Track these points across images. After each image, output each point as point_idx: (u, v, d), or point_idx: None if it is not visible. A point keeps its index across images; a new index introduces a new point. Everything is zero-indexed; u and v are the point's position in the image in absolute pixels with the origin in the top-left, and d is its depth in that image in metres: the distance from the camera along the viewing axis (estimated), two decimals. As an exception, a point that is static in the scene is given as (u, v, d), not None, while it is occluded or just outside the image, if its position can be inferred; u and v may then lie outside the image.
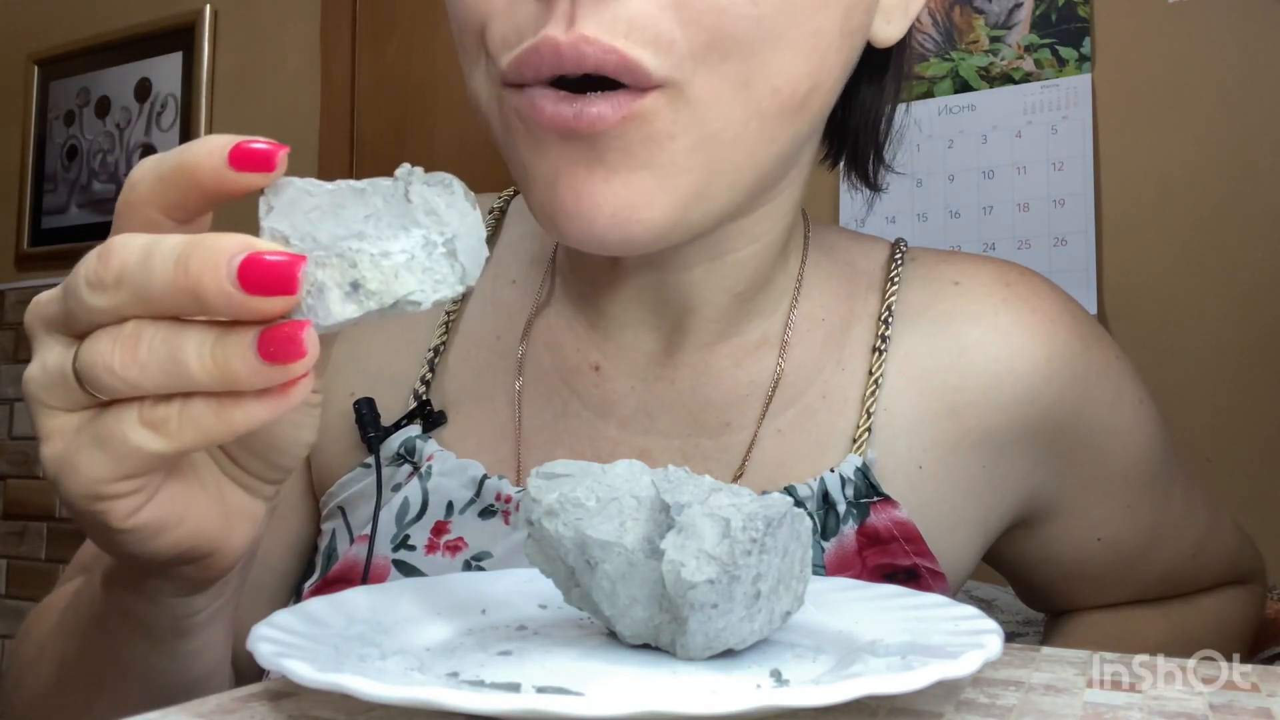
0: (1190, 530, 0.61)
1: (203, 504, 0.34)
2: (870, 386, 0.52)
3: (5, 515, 2.22)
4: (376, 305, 0.29)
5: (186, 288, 0.28)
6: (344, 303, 0.29)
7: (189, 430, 0.29)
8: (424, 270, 0.30)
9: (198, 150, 0.30)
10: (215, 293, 0.27)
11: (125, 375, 0.29)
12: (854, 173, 0.57)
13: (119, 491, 0.31)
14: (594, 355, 0.53)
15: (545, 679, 0.31)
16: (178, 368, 0.28)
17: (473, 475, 0.51)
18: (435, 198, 0.30)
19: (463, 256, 0.30)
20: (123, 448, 0.29)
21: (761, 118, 0.42)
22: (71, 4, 2.24)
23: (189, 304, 0.28)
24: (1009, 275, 0.55)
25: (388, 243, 0.29)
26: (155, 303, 0.28)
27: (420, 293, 0.29)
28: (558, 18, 0.40)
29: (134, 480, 0.31)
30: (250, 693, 0.32)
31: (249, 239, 0.28)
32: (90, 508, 0.31)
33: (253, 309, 0.28)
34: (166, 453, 0.30)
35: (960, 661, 0.28)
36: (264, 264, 0.28)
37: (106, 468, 0.30)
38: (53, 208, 2.23)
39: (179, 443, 0.29)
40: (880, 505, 0.50)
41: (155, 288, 0.28)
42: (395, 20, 1.88)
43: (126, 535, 0.32)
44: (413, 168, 0.31)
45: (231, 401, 0.29)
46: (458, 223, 0.30)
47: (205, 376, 0.28)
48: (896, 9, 0.48)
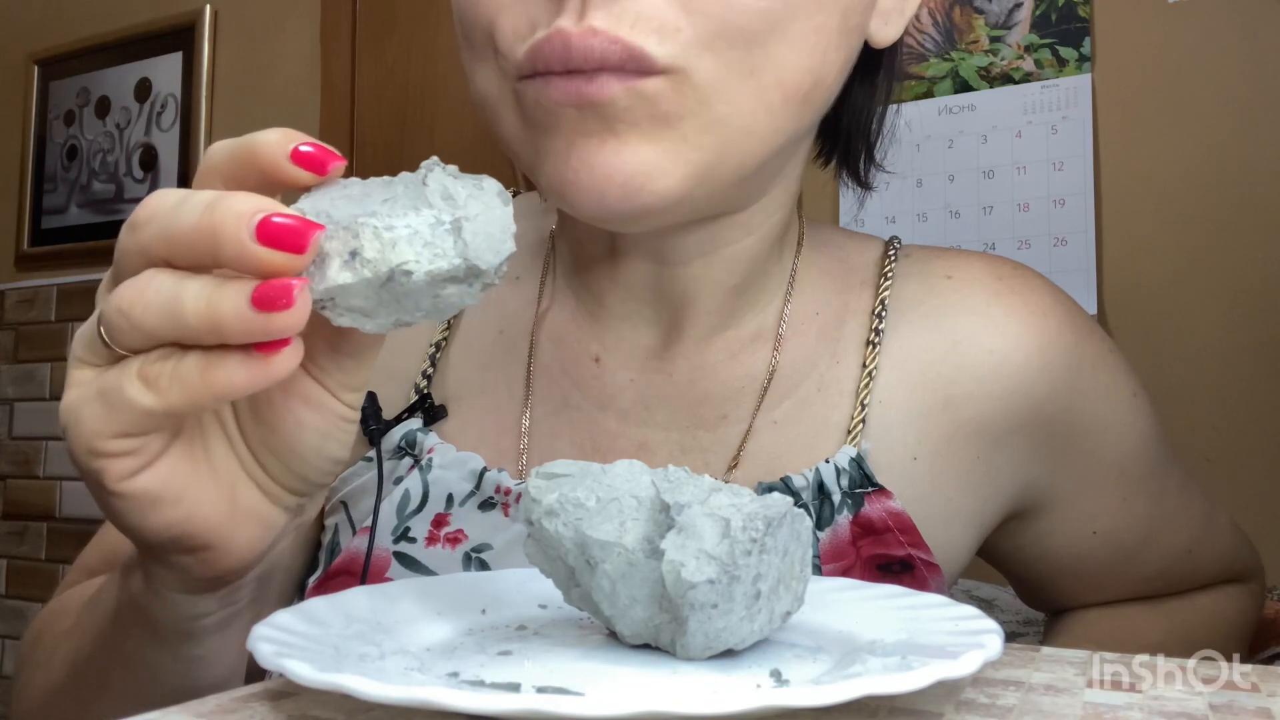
0: (1186, 525, 0.61)
1: (207, 491, 0.34)
2: (864, 379, 0.52)
3: (5, 515, 2.22)
4: (371, 273, 0.30)
5: (208, 229, 0.29)
6: (341, 270, 0.30)
7: (176, 387, 0.30)
8: (424, 245, 0.30)
9: (269, 136, 0.32)
10: (231, 238, 0.29)
11: (130, 313, 0.30)
12: (845, 171, 0.58)
13: (116, 449, 0.31)
14: (594, 347, 0.54)
15: (545, 679, 0.31)
16: (175, 308, 0.29)
17: (473, 468, 0.52)
18: (457, 186, 0.31)
19: (468, 235, 0.30)
20: (118, 400, 0.30)
21: (768, 107, 0.44)
22: (71, 4, 2.25)
23: (206, 247, 0.29)
24: (1001, 269, 0.56)
25: (394, 219, 0.30)
26: (177, 241, 0.30)
27: (415, 263, 0.30)
28: (569, 10, 0.41)
29: (130, 439, 0.31)
30: (250, 693, 0.32)
31: (275, 203, 0.30)
32: (89, 464, 0.32)
33: (261, 260, 0.29)
34: (154, 409, 0.30)
35: (960, 661, 0.28)
36: (281, 223, 0.29)
37: (103, 420, 0.31)
38: (53, 208, 2.23)
39: (166, 400, 0.30)
40: (875, 496, 0.50)
41: (180, 226, 0.30)
42: (395, 20, 1.88)
43: (121, 500, 0.32)
44: (440, 161, 0.32)
45: (218, 359, 0.30)
46: (476, 210, 0.31)
47: (196, 320, 0.29)
48: (894, 10, 0.50)
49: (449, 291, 0.31)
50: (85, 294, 2.15)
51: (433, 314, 0.32)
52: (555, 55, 0.41)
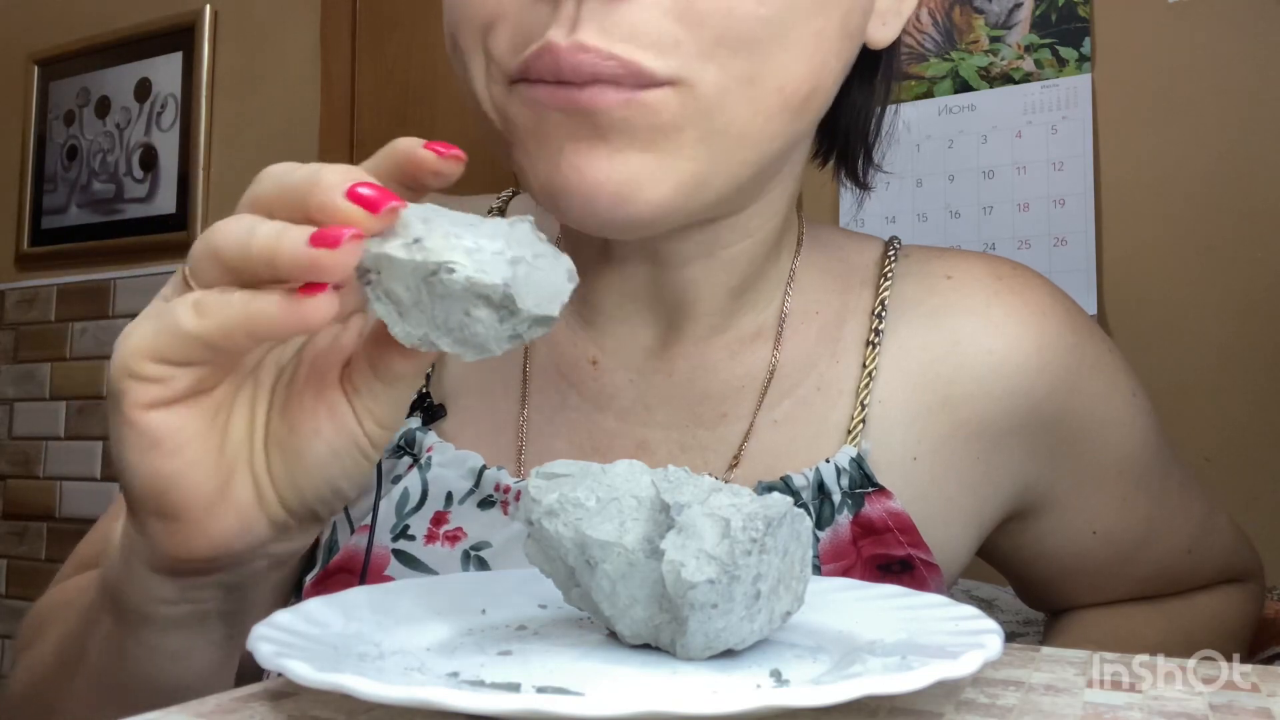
0: (1186, 525, 0.61)
1: (207, 461, 0.35)
2: (864, 379, 0.52)
3: (5, 515, 2.22)
4: (421, 258, 0.32)
5: (310, 182, 0.32)
6: (397, 245, 0.32)
7: (219, 314, 0.32)
8: (479, 262, 0.32)
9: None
10: (325, 191, 0.32)
11: (210, 238, 0.33)
12: (843, 171, 0.58)
13: (148, 372, 0.33)
14: (591, 350, 0.54)
15: (545, 679, 0.31)
16: (247, 238, 0.32)
17: (472, 466, 0.52)
18: (536, 243, 0.33)
19: (521, 272, 0.32)
20: (167, 321, 0.33)
21: (766, 114, 0.43)
22: (71, 4, 2.24)
23: (303, 197, 0.32)
24: (1001, 269, 0.56)
25: (469, 234, 0.32)
26: (283, 190, 0.33)
27: (461, 265, 0.31)
28: (561, 21, 0.40)
29: (164, 366, 0.33)
30: (250, 693, 0.32)
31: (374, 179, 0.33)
32: (120, 383, 0.34)
33: (341, 210, 0.32)
34: (195, 332, 0.32)
35: (960, 661, 0.28)
36: (367, 189, 0.32)
37: (148, 339, 0.33)
38: (53, 208, 2.22)
39: (206, 324, 0.32)
40: (875, 496, 0.50)
41: (289, 180, 0.33)
42: (395, 20, 1.88)
43: (130, 429, 0.34)
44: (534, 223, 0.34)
45: (260, 294, 0.32)
46: (541, 266, 0.33)
47: (259, 249, 0.32)
48: (890, 11, 0.50)
49: (479, 315, 0.32)
50: (85, 294, 2.15)
51: (458, 342, 0.33)
52: (545, 69, 0.41)
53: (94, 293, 2.13)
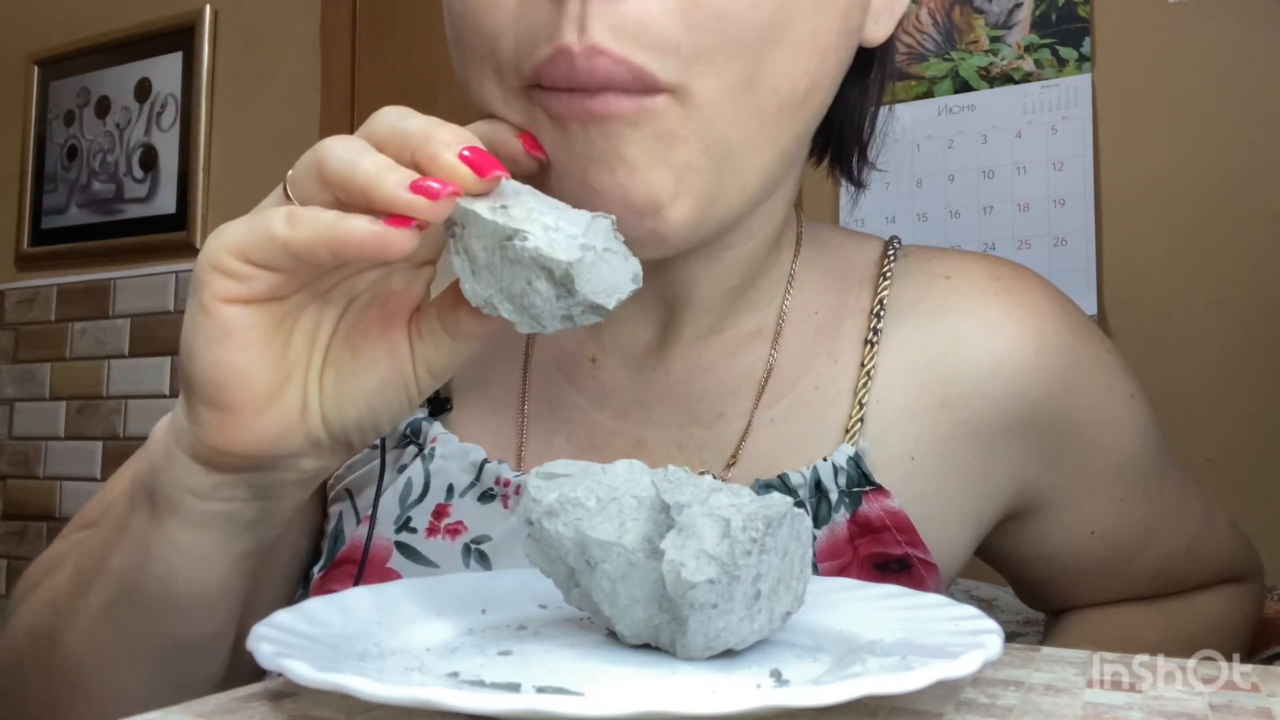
0: (1185, 525, 0.62)
1: (267, 362, 0.37)
2: (862, 378, 0.52)
3: (5, 515, 2.22)
4: (503, 221, 0.34)
5: (425, 134, 0.35)
6: (485, 206, 0.35)
7: (307, 226, 0.34)
8: (552, 239, 0.34)
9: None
10: (440, 145, 0.35)
11: (319, 148, 0.35)
12: (839, 169, 0.57)
13: (233, 268, 0.35)
14: (591, 348, 0.54)
15: (545, 679, 0.31)
16: (353, 162, 0.35)
17: (473, 459, 0.53)
18: (612, 240, 0.36)
19: (588, 260, 0.35)
20: (260, 223, 0.35)
21: (763, 118, 0.43)
22: (71, 4, 2.24)
23: (419, 143, 0.35)
24: (999, 270, 0.56)
25: (551, 214, 0.35)
26: (398, 137, 0.36)
27: (534, 236, 0.34)
28: (569, 20, 0.40)
29: (247, 265, 0.35)
30: (250, 693, 0.32)
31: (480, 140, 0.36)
32: (204, 275, 0.36)
33: (450, 166, 0.34)
34: (282, 237, 0.35)
35: (960, 661, 0.28)
36: (478, 152, 0.35)
37: (239, 236, 0.35)
38: (53, 208, 2.22)
39: (294, 233, 0.34)
40: (872, 494, 0.50)
41: (406, 125, 0.36)
42: (395, 20, 1.88)
43: (205, 318, 0.36)
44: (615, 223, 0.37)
45: (349, 216, 0.34)
46: (610, 263, 0.36)
47: (364, 177, 0.34)
48: (884, 10, 0.50)
49: (540, 286, 0.35)
50: (85, 294, 2.15)
51: (516, 310, 0.36)
52: (560, 76, 0.41)
53: (94, 293, 2.13)
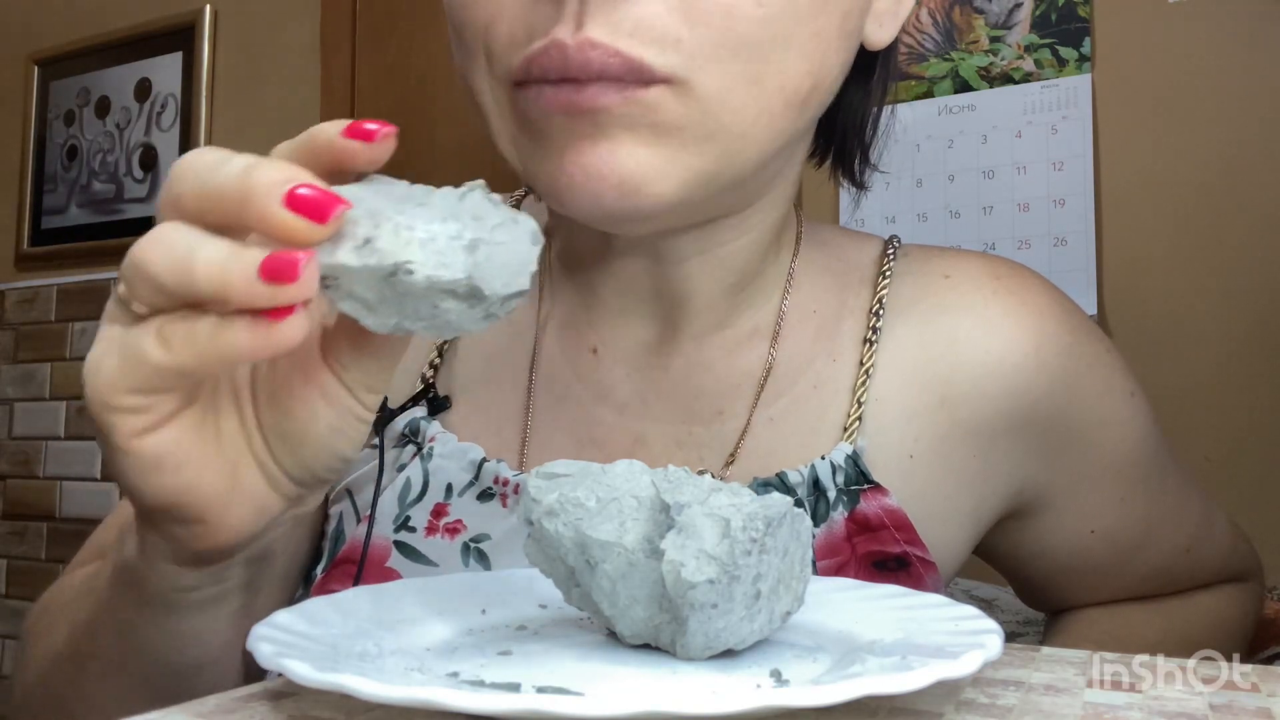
0: (1185, 525, 0.62)
1: (212, 463, 0.34)
2: (861, 377, 0.52)
3: (5, 515, 2.22)
4: (376, 262, 0.30)
5: (242, 189, 0.30)
6: (350, 252, 0.30)
7: (187, 346, 0.31)
8: (435, 252, 0.30)
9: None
10: (262, 200, 0.29)
11: (143, 263, 0.30)
12: (840, 171, 0.58)
13: (129, 404, 0.32)
14: (591, 338, 0.54)
15: (545, 679, 0.31)
16: (186, 265, 0.30)
17: (472, 458, 0.52)
18: (491, 211, 0.32)
19: (481, 256, 0.31)
20: (135, 355, 0.31)
21: (770, 114, 0.44)
22: (71, 4, 2.24)
23: (235, 206, 0.30)
24: (999, 269, 0.56)
25: (418, 221, 0.30)
26: (209, 197, 0.31)
27: (419, 264, 0.30)
28: (567, 18, 0.41)
29: (143, 396, 0.32)
30: (250, 693, 0.32)
31: (310, 175, 0.30)
32: (103, 417, 0.32)
33: (284, 223, 0.29)
34: (166, 365, 0.31)
35: (960, 661, 0.28)
36: (309, 193, 0.30)
37: (120, 374, 0.32)
38: (53, 208, 2.22)
39: (177, 357, 0.31)
40: (870, 493, 0.51)
41: (215, 183, 0.31)
42: (395, 20, 1.88)
43: (127, 458, 0.33)
44: (484, 184, 0.32)
45: (226, 323, 0.30)
46: (501, 239, 0.31)
47: (205, 280, 0.30)
48: (887, 13, 0.50)
49: (448, 306, 0.31)
50: (85, 294, 2.15)
51: (432, 328, 0.32)
52: (552, 66, 0.41)
53: (94, 293, 2.13)
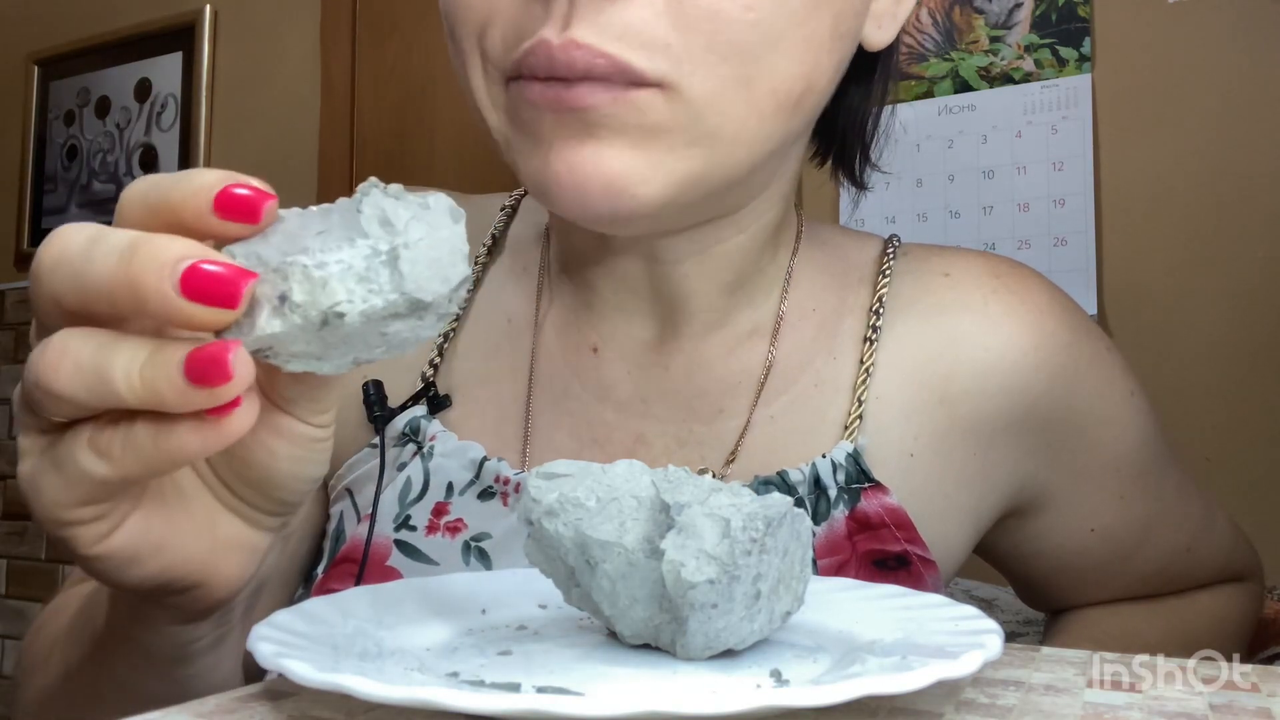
0: (1185, 524, 0.62)
1: (187, 534, 0.33)
2: (861, 375, 0.53)
3: (5, 515, 2.22)
4: (302, 318, 0.27)
5: (126, 281, 0.26)
6: (270, 317, 0.27)
7: (130, 457, 0.28)
8: (358, 280, 0.27)
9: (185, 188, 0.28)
10: (153, 291, 0.26)
11: (50, 387, 0.27)
12: (841, 171, 0.58)
13: (80, 518, 0.30)
14: (591, 336, 0.54)
15: (545, 679, 0.31)
16: (103, 383, 0.27)
17: (473, 457, 0.52)
18: (397, 210, 0.28)
19: (406, 265, 0.27)
20: (74, 472, 0.29)
21: (759, 116, 0.44)
22: (71, 4, 2.25)
23: (125, 300, 0.27)
24: (998, 267, 0.56)
25: (326, 255, 0.27)
26: (92, 293, 0.27)
27: (347, 304, 0.27)
28: (554, 19, 0.41)
29: (94, 506, 0.30)
30: (250, 693, 0.32)
31: (201, 246, 0.27)
32: (57, 532, 0.30)
33: (189, 316, 0.26)
34: (112, 478, 0.29)
35: (960, 661, 0.28)
36: (209, 273, 0.26)
37: (63, 492, 0.29)
38: (53, 208, 2.23)
39: (122, 469, 0.28)
40: (871, 491, 0.51)
41: (94, 275, 0.27)
42: (395, 20, 1.88)
43: (98, 562, 0.31)
44: (380, 182, 0.29)
45: (168, 428, 0.28)
46: (419, 234, 0.28)
47: (131, 395, 0.27)
48: (886, 15, 0.50)
49: (395, 328, 0.28)
50: (85, 294, 2.15)
51: (391, 350, 0.29)
52: (539, 65, 0.41)
53: (94, 293, 2.13)
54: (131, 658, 0.39)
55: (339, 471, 0.56)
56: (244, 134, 2.01)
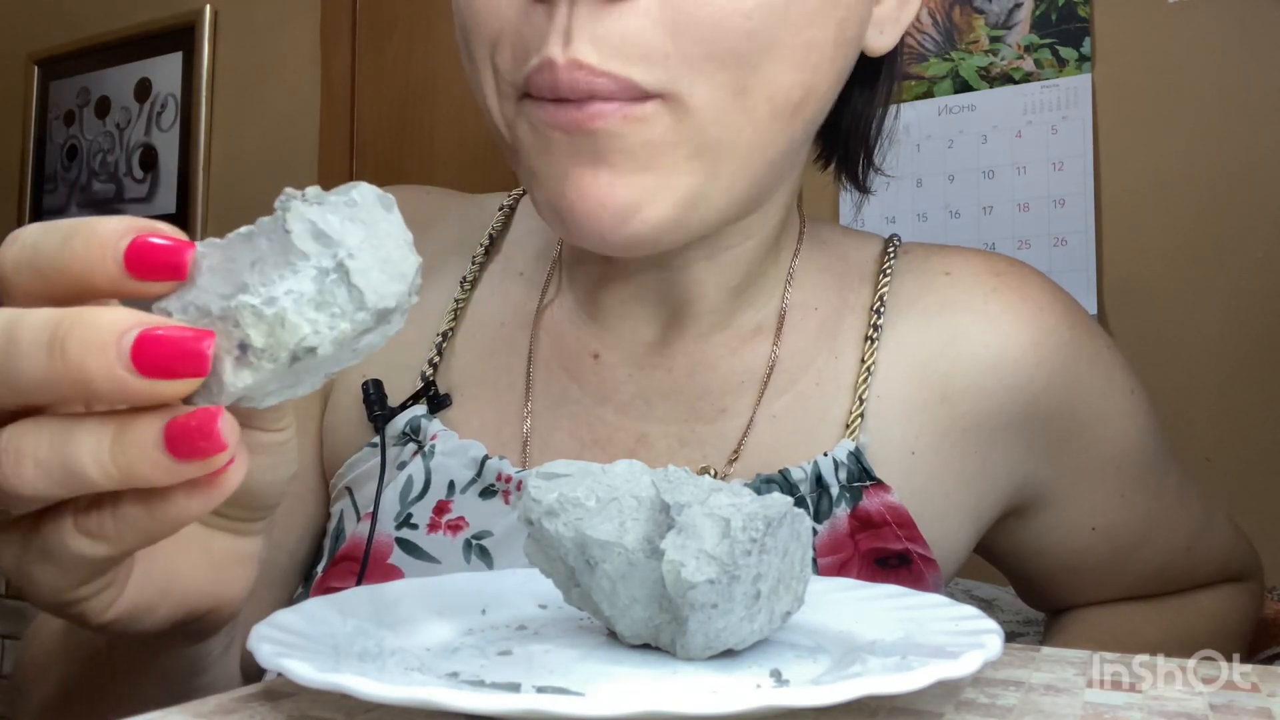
0: (1185, 523, 0.62)
1: (186, 568, 0.33)
2: (863, 374, 0.53)
3: (5, 515, 2.22)
4: (271, 364, 0.25)
5: (66, 375, 0.24)
6: (236, 370, 0.25)
7: (127, 534, 0.27)
8: (317, 307, 0.25)
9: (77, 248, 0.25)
10: (105, 380, 0.23)
11: (15, 490, 0.25)
12: (844, 174, 0.58)
13: (83, 595, 0.29)
14: (593, 345, 0.54)
15: (545, 679, 0.31)
16: (74, 478, 0.25)
17: (474, 455, 0.53)
18: (326, 217, 0.26)
19: (359, 278, 0.25)
20: (67, 558, 0.27)
21: (756, 124, 0.44)
22: (71, 4, 2.24)
23: (71, 392, 0.24)
24: (999, 265, 0.56)
25: (272, 288, 0.25)
26: (29, 394, 0.24)
27: (315, 336, 0.25)
28: (556, 33, 0.41)
29: (95, 582, 0.29)
30: (250, 693, 0.32)
31: (131, 312, 0.24)
32: (65, 613, 0.30)
33: (154, 394, 0.24)
34: (112, 556, 0.27)
35: (960, 661, 0.28)
36: (165, 341, 0.24)
37: (60, 579, 0.28)
38: (53, 208, 2.22)
39: (121, 546, 0.27)
40: (872, 489, 0.51)
41: (25, 376, 0.24)
42: (395, 20, 1.88)
43: (114, 626, 0.31)
44: (296, 191, 0.26)
45: (161, 500, 0.26)
46: (359, 237, 0.26)
47: (108, 481, 0.25)
48: (889, 20, 0.50)
49: (367, 340, 0.27)
50: (85, 294, 2.15)
51: (360, 356, 0.28)
52: (545, 85, 0.42)
53: (94, 293, 2.13)
54: (143, 678, 0.39)
55: (339, 470, 0.56)
56: (244, 134, 2.01)
